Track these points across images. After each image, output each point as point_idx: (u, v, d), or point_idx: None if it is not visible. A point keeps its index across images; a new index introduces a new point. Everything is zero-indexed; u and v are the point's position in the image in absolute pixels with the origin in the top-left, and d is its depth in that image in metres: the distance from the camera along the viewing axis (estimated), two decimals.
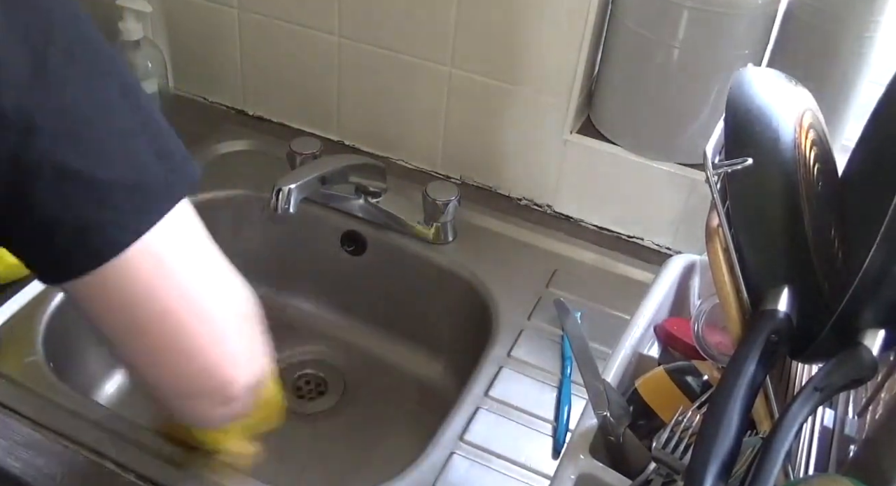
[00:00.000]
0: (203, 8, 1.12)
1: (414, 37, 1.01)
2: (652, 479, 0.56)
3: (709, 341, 0.66)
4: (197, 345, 0.48)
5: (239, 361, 0.52)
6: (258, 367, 0.55)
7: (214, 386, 0.51)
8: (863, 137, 0.63)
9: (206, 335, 0.48)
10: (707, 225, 0.57)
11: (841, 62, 0.84)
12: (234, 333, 0.51)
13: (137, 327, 0.46)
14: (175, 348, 0.48)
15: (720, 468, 0.46)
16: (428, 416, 0.94)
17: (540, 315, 0.93)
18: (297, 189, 0.88)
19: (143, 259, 0.43)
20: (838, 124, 0.88)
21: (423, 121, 1.08)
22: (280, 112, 1.18)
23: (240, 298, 0.52)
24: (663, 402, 0.63)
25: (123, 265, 0.43)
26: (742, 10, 0.83)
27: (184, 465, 0.73)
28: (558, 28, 0.92)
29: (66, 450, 0.74)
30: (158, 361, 0.49)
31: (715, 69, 0.87)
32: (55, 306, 0.88)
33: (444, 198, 0.98)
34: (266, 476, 0.75)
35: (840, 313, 0.49)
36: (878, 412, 0.56)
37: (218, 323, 0.49)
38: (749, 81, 0.58)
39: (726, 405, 0.48)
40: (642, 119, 0.94)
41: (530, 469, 0.77)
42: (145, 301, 0.45)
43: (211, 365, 0.50)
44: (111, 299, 0.44)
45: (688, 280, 0.77)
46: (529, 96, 0.99)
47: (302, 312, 1.10)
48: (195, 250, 0.47)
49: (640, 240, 1.03)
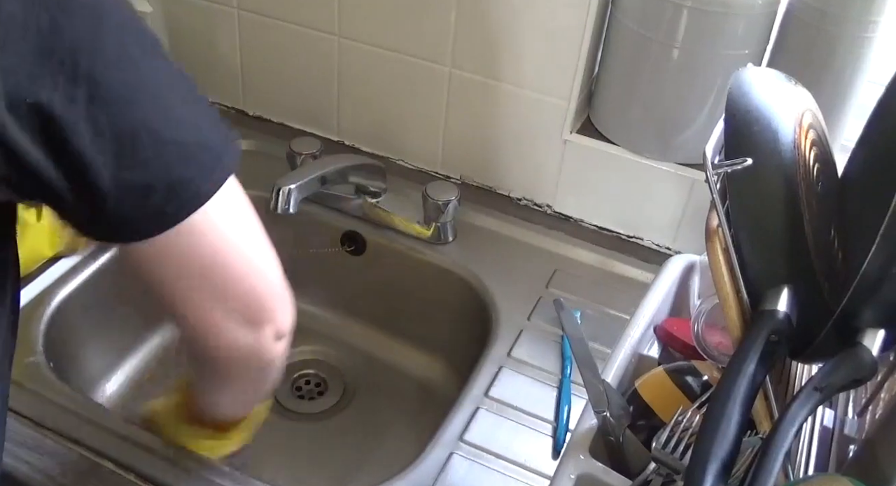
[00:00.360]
0: (203, 8, 1.12)
1: (414, 37, 1.01)
2: (652, 479, 0.56)
3: (709, 341, 0.66)
4: (254, 271, 0.55)
5: (282, 297, 0.58)
6: (291, 316, 0.61)
7: (263, 312, 0.57)
8: (863, 137, 0.63)
9: (260, 267, 0.55)
10: (707, 225, 0.57)
11: (840, 62, 0.84)
12: (278, 276, 0.57)
13: (205, 267, 0.52)
14: (234, 277, 0.54)
15: (720, 468, 0.46)
16: (428, 416, 0.94)
17: (540, 315, 0.93)
18: (297, 189, 0.88)
19: (217, 208, 0.50)
20: (838, 124, 0.88)
21: (423, 121, 1.08)
22: (280, 112, 1.18)
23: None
24: (663, 402, 0.63)
25: (203, 215, 0.49)
26: (742, 10, 0.83)
27: (184, 465, 0.73)
28: (558, 28, 0.92)
29: (66, 450, 0.74)
30: (218, 295, 0.55)
31: (715, 69, 0.87)
32: (55, 306, 0.88)
33: (443, 198, 0.98)
34: (266, 476, 0.75)
35: (840, 313, 0.49)
36: (878, 412, 0.56)
37: (270, 261, 0.56)
38: (749, 81, 0.58)
39: (726, 405, 0.48)
40: (642, 119, 0.94)
41: (530, 469, 0.77)
42: (218, 241, 0.52)
43: (261, 291, 0.56)
44: (190, 244, 0.51)
45: (688, 280, 0.77)
46: (529, 96, 0.99)
47: (302, 312, 1.09)
48: (246, 204, 0.54)
49: (640, 240, 1.03)
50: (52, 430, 0.75)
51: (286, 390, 1.02)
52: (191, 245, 0.51)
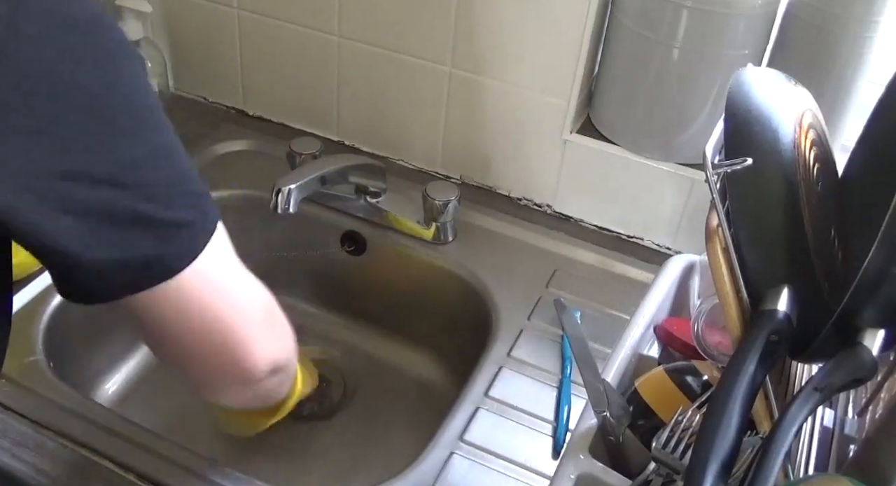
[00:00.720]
0: (203, 8, 1.12)
1: (414, 37, 1.01)
2: (652, 479, 0.56)
3: (709, 341, 0.66)
4: (231, 338, 0.56)
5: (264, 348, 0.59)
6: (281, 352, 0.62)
7: (241, 372, 0.58)
8: (863, 137, 0.63)
9: (240, 329, 0.56)
10: (707, 225, 0.57)
11: (841, 62, 0.84)
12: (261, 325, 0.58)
13: (181, 330, 0.54)
14: (211, 342, 0.56)
15: (720, 468, 0.46)
16: (428, 416, 0.94)
17: (540, 315, 0.93)
18: (297, 189, 0.88)
19: (192, 276, 0.51)
20: (838, 124, 0.88)
21: (422, 121, 1.08)
22: (280, 112, 1.18)
23: (262, 295, 0.59)
24: (663, 402, 0.63)
25: (176, 283, 0.50)
26: (742, 10, 0.83)
27: (184, 465, 0.73)
28: (558, 28, 0.92)
29: (66, 450, 0.74)
30: (198, 354, 0.57)
31: (715, 69, 0.87)
32: (55, 306, 0.88)
33: (443, 198, 0.98)
34: (266, 476, 0.75)
35: (840, 313, 0.49)
36: (878, 412, 0.56)
37: (250, 318, 0.57)
38: (749, 81, 0.58)
39: (726, 405, 0.48)
40: (642, 119, 0.94)
41: (530, 469, 0.77)
42: (192, 308, 0.53)
43: (240, 354, 0.57)
44: (164, 309, 0.52)
45: (688, 280, 0.77)
46: (529, 96, 0.99)
47: (302, 312, 1.10)
48: (228, 260, 0.55)
49: (640, 240, 1.03)
50: (52, 430, 0.75)
51: None
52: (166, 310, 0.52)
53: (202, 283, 0.52)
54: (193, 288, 0.51)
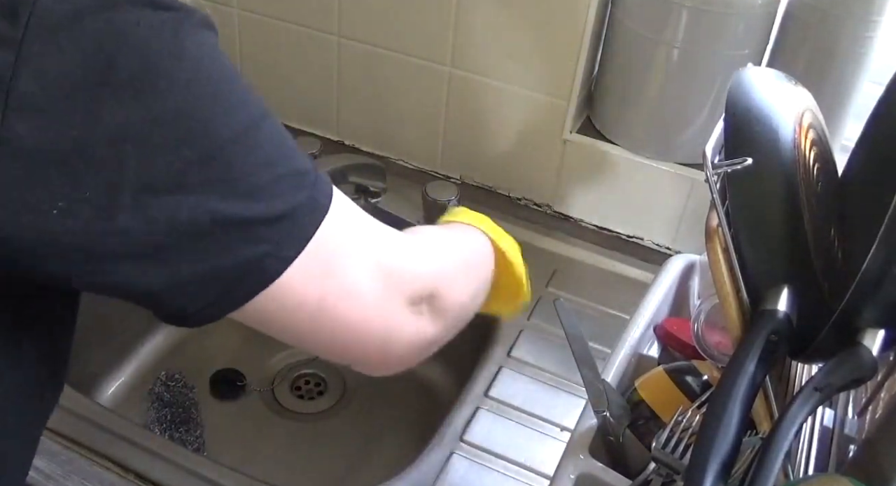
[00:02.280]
0: (203, 8, 1.12)
1: (414, 37, 1.01)
2: (652, 479, 0.56)
3: (709, 341, 0.66)
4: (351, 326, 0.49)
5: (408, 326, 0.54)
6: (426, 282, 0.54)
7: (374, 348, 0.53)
8: (863, 137, 0.63)
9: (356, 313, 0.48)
10: (707, 225, 0.57)
11: (840, 62, 0.84)
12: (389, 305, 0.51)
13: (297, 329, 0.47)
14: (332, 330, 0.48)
15: (720, 468, 0.46)
16: (428, 416, 0.94)
17: (540, 315, 0.93)
18: None
19: (299, 272, 0.43)
20: (838, 124, 0.88)
21: (422, 121, 1.08)
22: (280, 112, 1.18)
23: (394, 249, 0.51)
24: (663, 402, 0.63)
25: (278, 287, 0.43)
26: (742, 10, 0.83)
27: (184, 465, 0.73)
28: (558, 28, 0.92)
29: (66, 450, 0.74)
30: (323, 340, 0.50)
31: (715, 69, 0.87)
32: None
33: (443, 198, 0.98)
34: (266, 476, 0.75)
35: (840, 313, 0.49)
36: (878, 412, 0.56)
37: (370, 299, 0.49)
38: (749, 80, 0.58)
39: (726, 405, 0.48)
40: (642, 119, 0.94)
41: (530, 469, 0.77)
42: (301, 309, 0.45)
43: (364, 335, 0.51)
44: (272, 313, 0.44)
45: (688, 280, 0.77)
46: (529, 96, 0.99)
47: None
48: (348, 236, 0.47)
49: (640, 240, 1.03)
50: (52, 430, 0.75)
51: (285, 389, 1.02)
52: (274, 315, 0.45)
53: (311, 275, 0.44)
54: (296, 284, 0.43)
